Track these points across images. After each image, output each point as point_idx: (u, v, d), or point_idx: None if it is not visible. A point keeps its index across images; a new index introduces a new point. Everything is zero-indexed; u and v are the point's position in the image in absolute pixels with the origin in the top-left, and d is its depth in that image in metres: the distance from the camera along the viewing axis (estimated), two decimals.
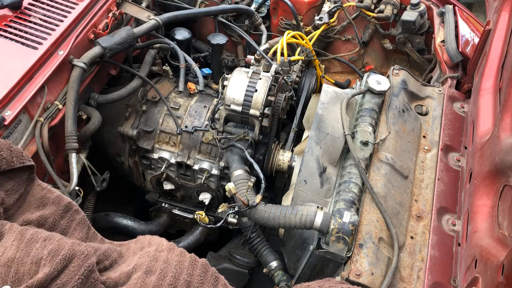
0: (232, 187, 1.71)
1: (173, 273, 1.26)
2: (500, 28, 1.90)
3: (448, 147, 1.88)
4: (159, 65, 2.34)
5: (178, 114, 2.15)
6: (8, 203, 1.34)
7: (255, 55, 2.11)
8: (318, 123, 1.77)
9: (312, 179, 1.68)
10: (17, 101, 1.67)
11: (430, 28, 2.52)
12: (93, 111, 1.99)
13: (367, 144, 1.74)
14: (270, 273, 1.91)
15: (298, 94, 2.39)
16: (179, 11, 2.35)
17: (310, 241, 1.62)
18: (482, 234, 1.44)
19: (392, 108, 1.91)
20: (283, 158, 2.02)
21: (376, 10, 2.65)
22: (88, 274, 1.15)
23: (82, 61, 1.88)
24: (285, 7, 2.63)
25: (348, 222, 1.47)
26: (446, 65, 2.21)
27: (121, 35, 1.99)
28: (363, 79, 1.97)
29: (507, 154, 1.41)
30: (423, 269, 1.54)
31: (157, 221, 2.36)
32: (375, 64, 2.94)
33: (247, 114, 1.83)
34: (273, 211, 1.62)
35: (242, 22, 2.69)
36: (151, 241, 1.43)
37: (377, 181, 1.69)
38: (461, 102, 2.06)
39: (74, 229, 1.38)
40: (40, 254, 1.15)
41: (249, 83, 1.82)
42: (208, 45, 2.60)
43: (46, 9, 1.96)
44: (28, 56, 1.77)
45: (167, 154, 2.13)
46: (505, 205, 1.39)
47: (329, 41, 2.90)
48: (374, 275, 1.46)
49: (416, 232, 1.64)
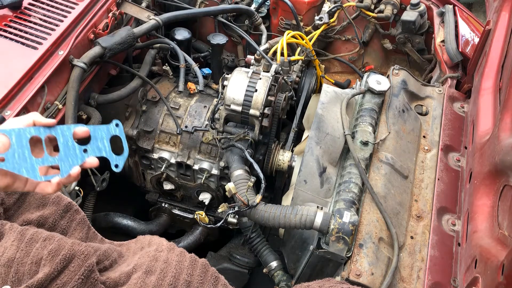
0: (232, 187, 1.71)
1: (173, 273, 1.26)
2: (500, 28, 1.90)
3: (448, 147, 1.89)
4: (159, 65, 2.34)
5: (178, 114, 2.15)
6: (8, 203, 1.34)
7: (255, 55, 2.11)
8: (318, 123, 1.77)
9: (312, 179, 1.68)
10: (17, 101, 1.68)
11: (430, 28, 2.52)
12: (93, 111, 1.99)
13: (367, 144, 1.74)
14: (270, 273, 1.91)
15: (298, 94, 2.38)
16: (179, 11, 2.35)
17: (310, 241, 1.62)
18: (482, 234, 1.44)
19: (392, 108, 1.91)
20: (283, 158, 2.02)
21: (376, 10, 2.65)
22: (88, 274, 1.15)
23: (82, 61, 1.88)
24: (285, 7, 2.62)
25: (348, 222, 1.47)
26: (446, 65, 2.21)
27: (121, 35, 1.99)
28: (363, 79, 1.97)
29: (507, 154, 1.41)
30: (423, 269, 1.54)
31: (157, 221, 2.36)
32: (375, 64, 2.94)
33: (247, 114, 1.83)
34: (273, 211, 1.62)
35: (242, 22, 2.69)
36: (151, 241, 1.43)
37: (377, 181, 1.69)
38: (461, 102, 2.06)
39: (74, 229, 1.38)
40: (40, 254, 1.15)
41: (249, 83, 1.82)
42: (208, 45, 2.60)
43: (46, 9, 1.96)
44: (28, 56, 1.77)
45: (167, 154, 2.13)
46: (505, 205, 1.39)
47: (329, 41, 2.90)
48: (374, 275, 1.46)
49: (416, 232, 1.64)
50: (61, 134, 1.06)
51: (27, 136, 1.02)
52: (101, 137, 1.09)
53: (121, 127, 1.10)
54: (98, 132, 1.09)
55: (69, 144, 1.06)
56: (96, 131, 1.09)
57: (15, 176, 1.03)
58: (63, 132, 1.06)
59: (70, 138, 1.06)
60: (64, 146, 1.05)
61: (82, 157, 1.07)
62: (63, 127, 1.06)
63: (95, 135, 1.08)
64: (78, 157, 1.06)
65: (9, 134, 1.00)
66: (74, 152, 1.06)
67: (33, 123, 1.04)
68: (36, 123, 1.04)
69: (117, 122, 1.10)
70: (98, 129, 1.09)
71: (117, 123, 1.10)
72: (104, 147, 1.09)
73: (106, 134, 1.09)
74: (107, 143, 1.09)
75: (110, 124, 1.10)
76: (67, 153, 1.05)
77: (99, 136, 1.09)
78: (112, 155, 1.10)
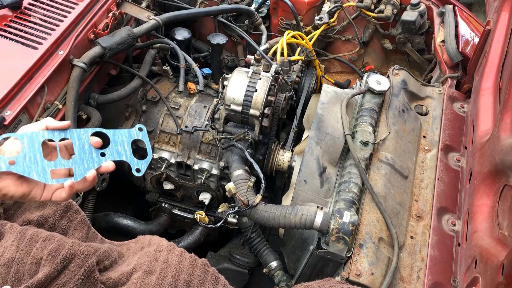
0: (232, 187, 1.71)
1: (173, 273, 1.26)
2: (500, 28, 1.90)
3: (448, 147, 1.89)
4: (159, 65, 2.34)
5: (178, 114, 2.15)
6: (8, 203, 1.34)
7: (255, 55, 2.11)
8: (318, 123, 1.77)
9: (312, 179, 1.68)
10: (17, 101, 1.68)
11: (430, 28, 2.52)
12: (93, 111, 1.99)
13: (367, 144, 1.74)
14: (270, 273, 1.91)
15: (298, 94, 2.38)
16: (179, 11, 2.35)
17: (310, 241, 1.62)
18: (482, 234, 1.44)
19: (392, 108, 1.91)
20: (283, 158, 2.02)
21: (376, 10, 2.65)
22: (88, 274, 1.15)
23: (82, 61, 1.88)
24: (285, 7, 2.63)
25: (348, 222, 1.47)
26: (446, 65, 2.21)
27: (121, 35, 1.99)
28: (363, 79, 1.97)
29: (507, 154, 1.41)
30: (423, 269, 1.54)
31: (157, 221, 2.35)
32: (375, 64, 2.94)
33: (247, 114, 1.83)
34: (273, 211, 1.62)
35: (242, 22, 2.69)
36: (151, 241, 1.43)
37: (377, 181, 1.69)
38: (461, 102, 2.06)
39: (74, 229, 1.38)
40: (40, 254, 1.15)
41: (249, 83, 1.82)
42: (208, 45, 2.60)
43: (46, 9, 1.96)
44: (28, 56, 1.77)
45: (167, 154, 2.13)
46: (505, 205, 1.39)
47: (329, 41, 2.90)
48: (374, 275, 1.46)
49: (416, 232, 1.64)
50: (77, 137, 1.03)
51: (40, 139, 1.00)
52: (122, 141, 1.07)
53: (145, 132, 1.08)
54: (118, 136, 1.07)
55: (86, 147, 1.04)
56: (116, 135, 1.07)
57: (31, 185, 1.01)
58: (79, 136, 1.04)
59: (87, 142, 1.04)
60: (80, 150, 1.03)
61: (99, 161, 1.04)
62: (80, 131, 1.04)
63: (114, 139, 1.06)
64: (95, 160, 1.04)
65: (21, 138, 0.99)
66: (91, 156, 1.04)
67: (45, 127, 1.02)
68: (48, 127, 1.02)
69: (140, 126, 1.08)
70: (119, 133, 1.07)
71: (140, 127, 1.08)
72: (124, 151, 1.07)
73: (128, 138, 1.07)
74: (128, 147, 1.07)
75: (132, 128, 1.08)
76: (82, 157, 1.03)
77: (119, 140, 1.07)
78: (133, 159, 1.08)
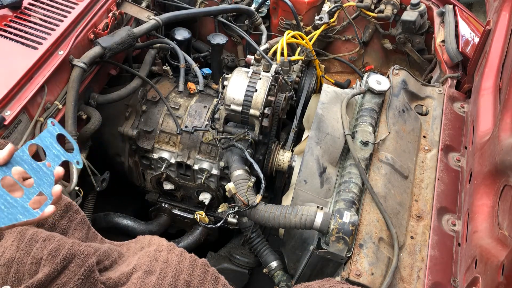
0: (232, 187, 1.71)
1: (173, 273, 1.26)
2: (500, 28, 1.90)
3: (448, 147, 1.88)
4: (159, 65, 2.34)
5: (178, 114, 2.15)
6: None
7: (255, 55, 2.11)
8: (318, 123, 1.77)
9: (312, 179, 1.68)
10: (17, 101, 1.68)
11: (430, 28, 2.52)
12: (93, 111, 1.99)
13: (367, 144, 1.74)
14: (270, 273, 1.91)
15: (298, 94, 2.39)
16: (179, 11, 2.35)
17: (310, 241, 1.62)
18: (482, 234, 1.44)
19: (392, 108, 1.91)
20: (283, 158, 2.02)
21: (376, 10, 2.65)
22: (88, 274, 1.15)
23: (82, 61, 1.88)
24: (285, 7, 2.63)
25: (348, 222, 1.47)
26: (446, 65, 2.21)
27: (121, 35, 1.99)
28: (363, 79, 1.97)
29: (507, 154, 1.41)
30: (423, 269, 1.54)
31: (157, 221, 2.36)
32: (375, 64, 2.94)
33: (247, 114, 1.83)
34: (273, 211, 1.62)
35: (242, 22, 2.69)
36: (151, 241, 1.43)
37: (377, 181, 1.69)
38: (461, 102, 2.06)
39: (74, 229, 1.38)
40: (40, 254, 1.15)
41: (249, 83, 1.82)
42: (208, 45, 2.60)
43: (46, 9, 1.96)
44: (28, 56, 1.77)
45: (167, 154, 2.13)
46: (505, 205, 1.39)
47: (329, 41, 2.90)
48: (374, 275, 1.46)
49: (416, 232, 1.64)
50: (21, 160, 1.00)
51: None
52: (51, 144, 1.04)
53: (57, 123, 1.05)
54: (44, 140, 1.04)
55: (34, 166, 1.01)
56: (42, 140, 1.03)
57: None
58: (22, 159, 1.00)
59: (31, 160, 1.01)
60: (32, 171, 1.01)
61: (51, 172, 1.02)
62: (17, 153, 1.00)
63: (45, 144, 1.03)
64: (48, 174, 1.02)
65: None
66: (43, 171, 1.01)
67: None
68: None
69: (51, 120, 1.05)
70: (44, 138, 1.04)
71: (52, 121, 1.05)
72: (58, 151, 1.04)
73: (52, 137, 1.04)
74: (58, 146, 1.04)
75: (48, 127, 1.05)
76: (39, 176, 1.01)
77: (48, 144, 1.04)
78: (68, 155, 1.05)
